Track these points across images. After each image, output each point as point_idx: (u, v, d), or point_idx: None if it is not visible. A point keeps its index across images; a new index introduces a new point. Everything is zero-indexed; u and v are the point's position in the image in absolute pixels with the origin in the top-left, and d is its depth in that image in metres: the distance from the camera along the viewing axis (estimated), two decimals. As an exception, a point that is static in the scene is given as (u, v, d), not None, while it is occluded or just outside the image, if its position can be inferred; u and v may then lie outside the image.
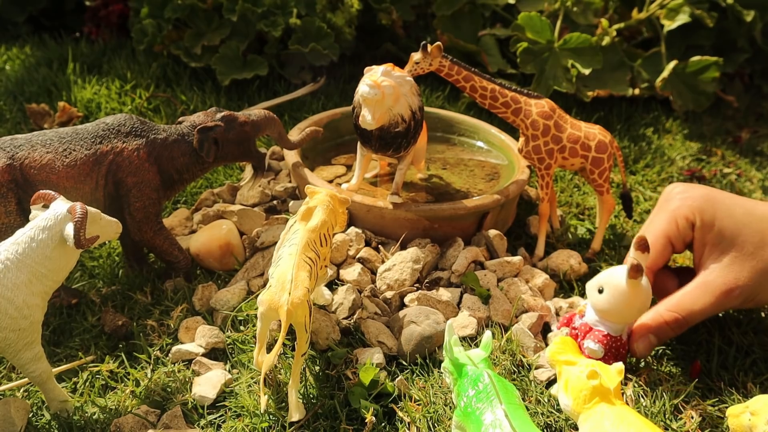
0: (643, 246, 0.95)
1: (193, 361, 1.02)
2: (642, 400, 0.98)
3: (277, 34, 1.71)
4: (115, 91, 1.74)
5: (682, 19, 1.84)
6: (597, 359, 0.97)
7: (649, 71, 1.88)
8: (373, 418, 0.92)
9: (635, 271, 0.93)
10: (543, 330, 1.12)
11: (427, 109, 1.46)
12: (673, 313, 1.01)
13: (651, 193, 1.57)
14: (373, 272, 1.17)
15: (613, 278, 0.96)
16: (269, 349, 0.97)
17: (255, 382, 0.98)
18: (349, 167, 1.39)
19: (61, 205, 0.88)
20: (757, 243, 1.00)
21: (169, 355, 1.04)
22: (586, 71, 1.69)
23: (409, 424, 0.93)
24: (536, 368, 1.03)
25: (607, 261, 1.30)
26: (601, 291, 0.97)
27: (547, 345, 1.08)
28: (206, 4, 1.76)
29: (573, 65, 1.71)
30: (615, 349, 0.99)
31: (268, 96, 1.78)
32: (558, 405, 0.95)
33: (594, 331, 0.99)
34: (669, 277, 1.09)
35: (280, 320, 0.90)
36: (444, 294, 1.13)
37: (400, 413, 0.94)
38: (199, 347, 1.05)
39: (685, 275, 1.07)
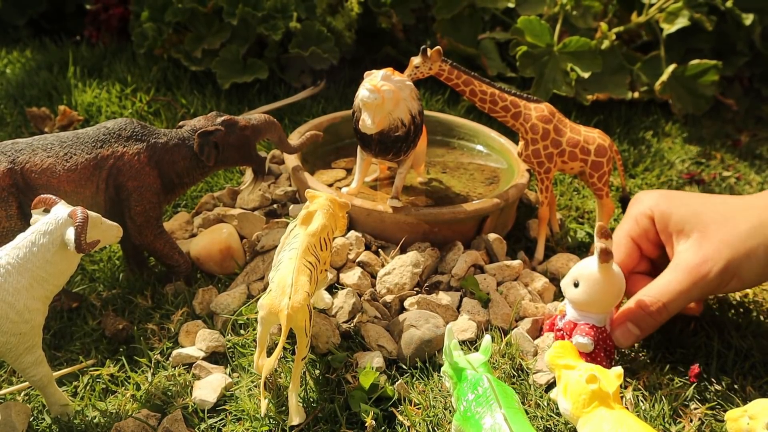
0: (605, 233, 0.97)
1: (194, 365, 1.02)
2: (641, 403, 0.98)
3: (277, 37, 1.71)
4: (116, 94, 1.74)
5: (682, 22, 1.85)
6: (588, 353, 0.99)
7: (649, 75, 1.89)
8: (373, 422, 0.92)
9: (605, 255, 0.96)
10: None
11: (426, 112, 1.46)
12: (648, 297, 1.02)
13: (650, 196, 1.57)
14: (373, 276, 1.17)
15: (584, 269, 0.99)
16: (269, 353, 0.97)
17: (255, 386, 0.98)
18: (349, 171, 1.40)
19: (62, 210, 0.88)
20: (718, 221, 1.01)
21: (170, 358, 1.04)
22: (586, 75, 1.69)
23: (408, 428, 0.93)
24: (535, 372, 1.03)
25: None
26: (576, 285, 0.99)
27: (537, 351, 1.08)
28: (206, 7, 1.76)
29: (572, 69, 1.71)
30: (602, 341, 1.00)
31: (268, 100, 1.78)
32: (557, 409, 0.96)
33: (580, 326, 1.00)
34: (647, 282, 1.08)
35: (280, 324, 0.91)
36: (444, 298, 1.13)
37: (400, 417, 0.95)
38: (200, 351, 1.05)
39: None
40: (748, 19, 1.85)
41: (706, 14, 1.84)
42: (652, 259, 1.12)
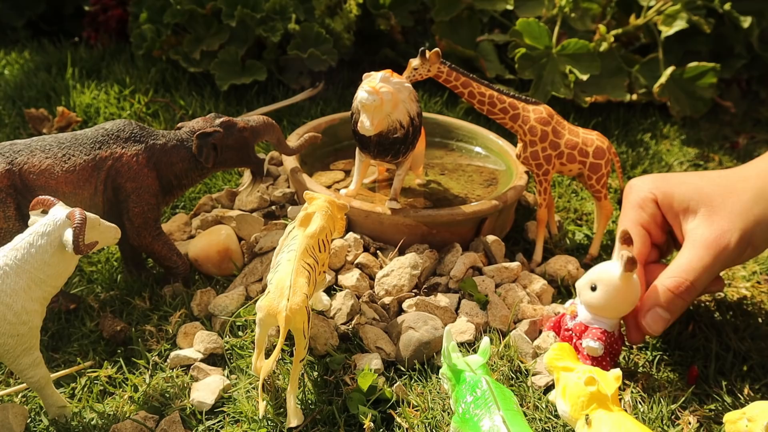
0: (628, 239, 0.96)
1: (192, 367, 1.02)
2: (640, 406, 0.98)
3: (275, 39, 1.71)
4: (114, 96, 1.74)
5: (680, 25, 1.85)
6: (597, 357, 0.99)
7: (647, 77, 1.89)
8: (372, 424, 0.92)
9: (631, 264, 0.95)
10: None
11: (425, 114, 1.46)
12: (673, 278, 0.99)
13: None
14: (372, 278, 1.17)
15: (605, 274, 0.98)
16: (268, 355, 0.97)
17: (253, 388, 0.98)
18: (348, 173, 1.40)
19: (60, 211, 0.88)
20: (722, 193, 1.01)
21: (168, 360, 1.04)
22: (584, 77, 1.69)
23: (407, 429, 0.93)
24: (534, 374, 1.03)
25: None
26: (593, 288, 0.99)
27: (535, 352, 1.08)
28: (205, 9, 1.76)
29: (571, 71, 1.72)
30: (610, 345, 1.00)
31: (266, 101, 1.78)
32: (556, 411, 0.96)
33: (591, 329, 1.00)
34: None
35: (278, 326, 0.90)
36: (442, 300, 1.13)
37: (398, 419, 0.94)
38: (198, 353, 1.05)
39: None
40: (746, 21, 1.86)
41: (704, 17, 1.85)
42: (659, 245, 1.12)
